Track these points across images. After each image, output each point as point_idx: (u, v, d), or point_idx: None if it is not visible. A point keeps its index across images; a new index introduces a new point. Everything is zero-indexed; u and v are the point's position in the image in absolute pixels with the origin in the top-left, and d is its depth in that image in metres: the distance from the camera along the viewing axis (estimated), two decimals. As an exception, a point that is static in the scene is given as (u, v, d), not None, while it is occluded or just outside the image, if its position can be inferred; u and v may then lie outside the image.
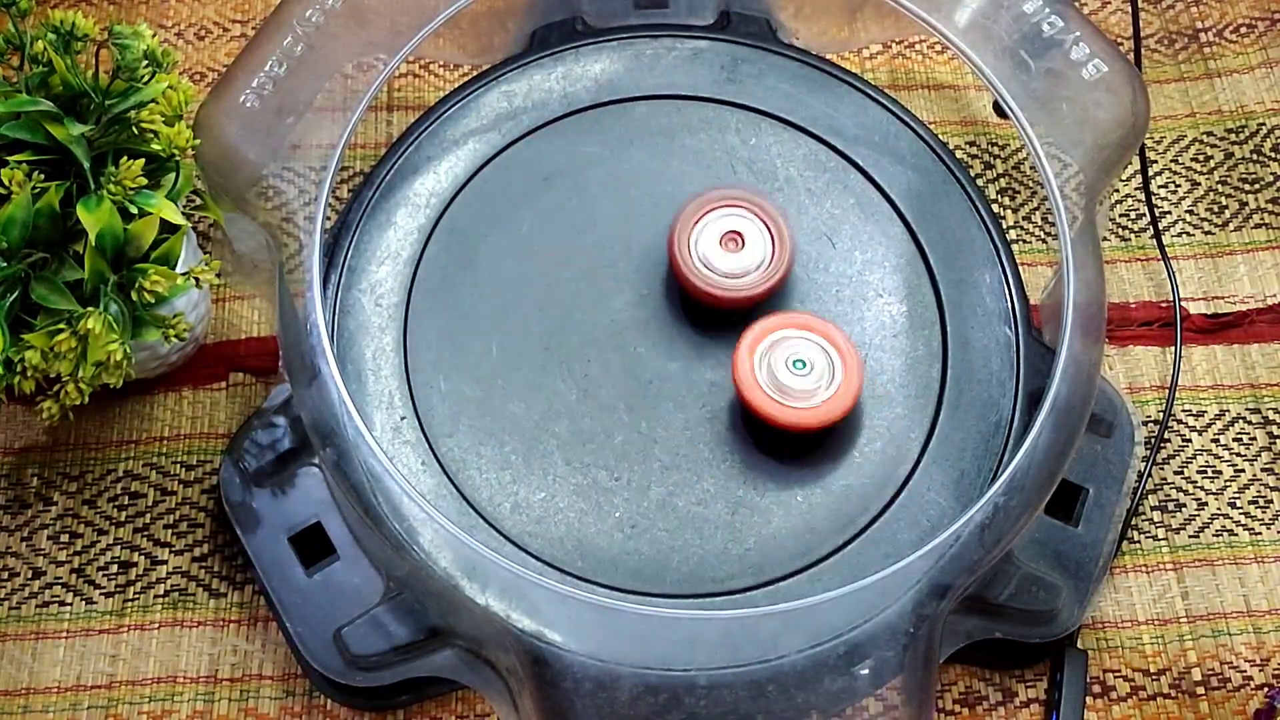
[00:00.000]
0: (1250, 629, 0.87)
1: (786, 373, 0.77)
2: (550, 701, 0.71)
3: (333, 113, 0.82)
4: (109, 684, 0.84)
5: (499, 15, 0.93)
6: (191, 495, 0.90)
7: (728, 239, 0.80)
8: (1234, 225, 1.00)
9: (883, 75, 1.06)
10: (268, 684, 0.85)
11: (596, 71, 0.89)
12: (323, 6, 0.83)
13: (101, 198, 0.76)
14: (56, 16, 0.78)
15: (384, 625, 0.76)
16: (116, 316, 0.77)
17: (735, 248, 0.80)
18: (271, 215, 0.80)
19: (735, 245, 0.80)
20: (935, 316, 0.83)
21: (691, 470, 0.78)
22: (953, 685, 0.85)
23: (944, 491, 0.78)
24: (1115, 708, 0.85)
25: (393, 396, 0.80)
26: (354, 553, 0.80)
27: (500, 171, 0.86)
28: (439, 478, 0.78)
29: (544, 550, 0.76)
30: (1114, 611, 0.88)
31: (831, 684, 0.72)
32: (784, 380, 0.77)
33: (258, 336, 0.95)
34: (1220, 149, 1.03)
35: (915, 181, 0.86)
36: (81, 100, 0.79)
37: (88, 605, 0.87)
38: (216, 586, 0.87)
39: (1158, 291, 0.98)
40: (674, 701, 0.71)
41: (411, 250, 0.84)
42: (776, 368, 0.77)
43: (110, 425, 0.92)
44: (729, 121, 0.88)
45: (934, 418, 0.80)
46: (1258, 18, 1.08)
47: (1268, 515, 0.90)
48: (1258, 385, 0.94)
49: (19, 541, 0.88)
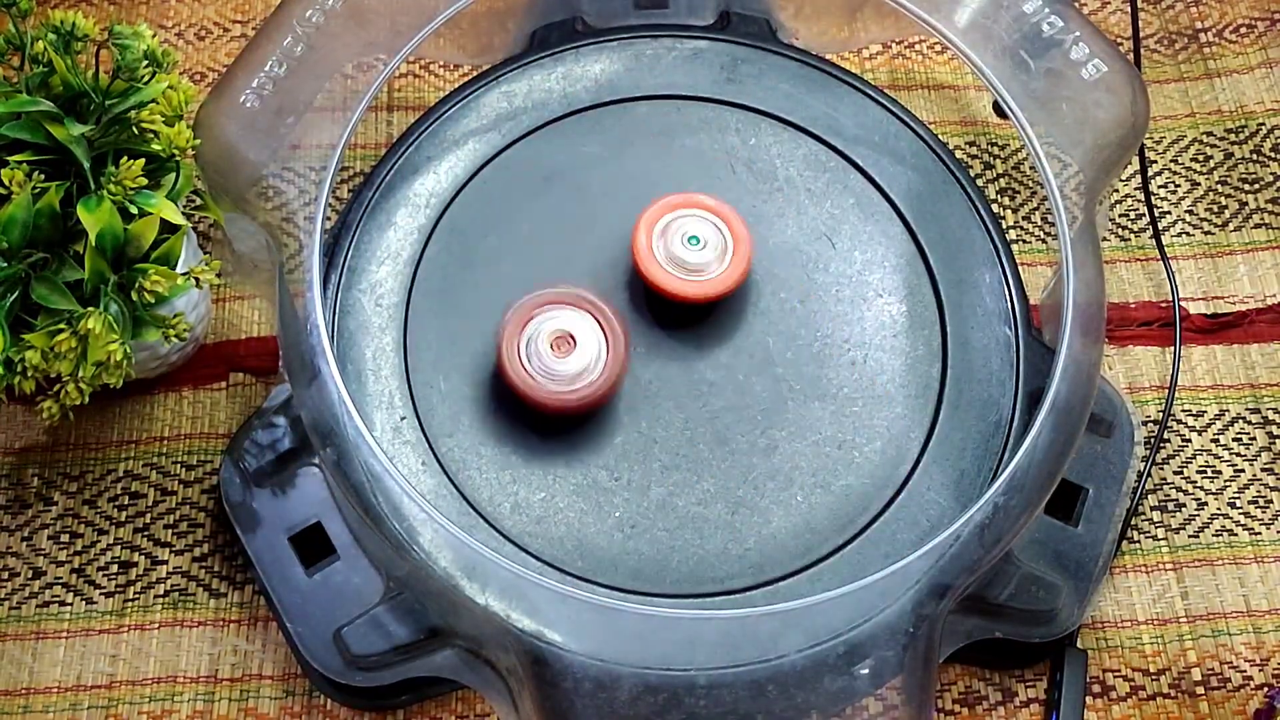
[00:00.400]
0: (1250, 629, 0.87)
1: (682, 248, 0.80)
2: (550, 701, 0.71)
3: (333, 113, 0.82)
4: (109, 684, 0.84)
5: (499, 15, 0.93)
6: (192, 495, 0.90)
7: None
8: (1234, 225, 1.00)
9: (883, 75, 1.06)
10: (268, 684, 0.85)
11: (596, 71, 0.89)
12: (323, 6, 0.83)
13: (102, 198, 0.76)
14: (57, 17, 0.78)
15: (384, 625, 0.76)
16: (117, 316, 0.77)
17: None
18: (271, 215, 0.80)
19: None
20: (935, 316, 0.83)
21: (691, 470, 0.78)
22: (953, 685, 0.85)
23: (944, 491, 0.78)
24: (1115, 707, 0.85)
25: (393, 396, 0.80)
26: (354, 553, 0.80)
27: (500, 171, 0.86)
28: (439, 478, 0.78)
29: (544, 550, 0.76)
30: (1114, 611, 0.88)
31: (831, 684, 0.72)
32: (680, 255, 0.79)
33: (258, 336, 0.95)
34: (1220, 149, 1.03)
35: (915, 181, 0.86)
36: (82, 100, 0.79)
37: (88, 605, 0.87)
38: (216, 586, 0.87)
39: (1157, 291, 0.98)
40: (674, 701, 0.71)
41: (411, 250, 0.84)
42: (673, 244, 0.80)
43: (110, 425, 0.92)
44: (729, 122, 0.88)
45: (934, 418, 0.80)
46: (1258, 18, 1.08)
47: (1267, 515, 0.90)
48: (1257, 385, 0.95)
49: (19, 541, 0.88)
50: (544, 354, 0.77)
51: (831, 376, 0.81)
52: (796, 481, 0.78)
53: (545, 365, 0.76)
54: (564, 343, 0.77)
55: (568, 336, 0.77)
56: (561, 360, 0.77)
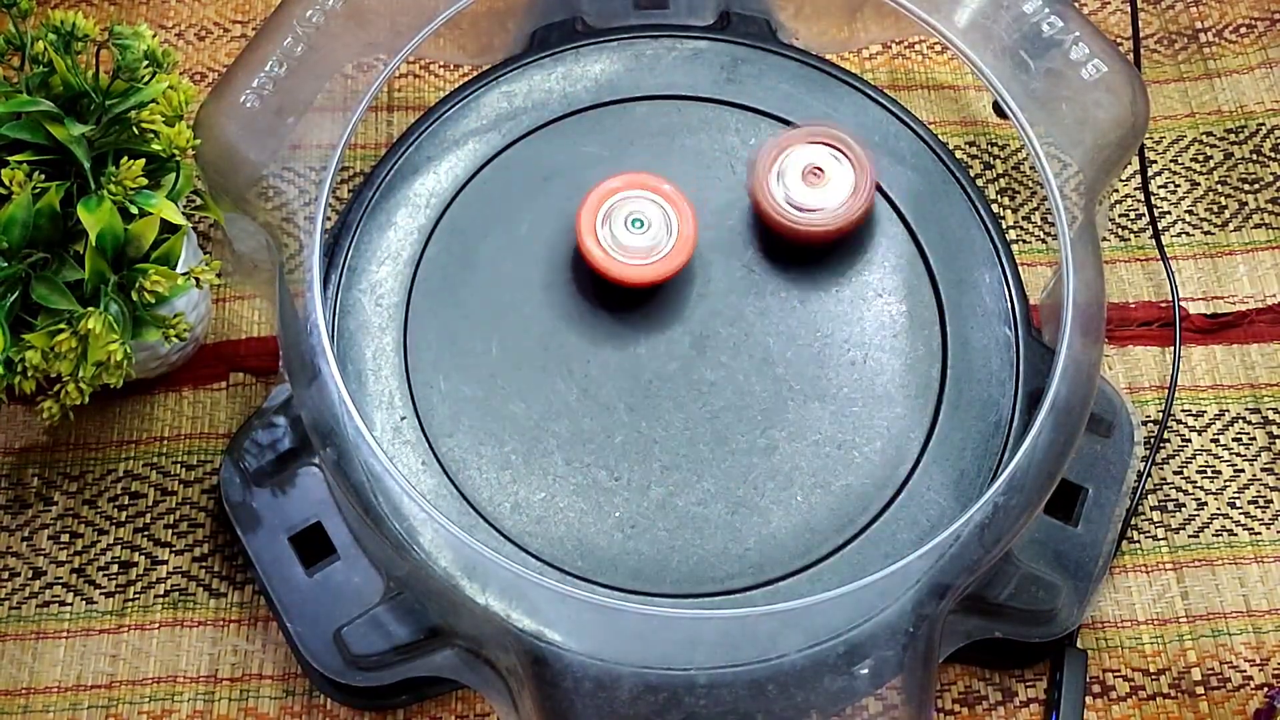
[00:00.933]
0: (1250, 629, 0.87)
1: (625, 231, 0.80)
2: (550, 701, 0.71)
3: (333, 113, 0.82)
4: (109, 684, 0.84)
5: (499, 15, 0.93)
6: (192, 495, 0.90)
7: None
8: (1234, 225, 1.00)
9: (883, 75, 1.06)
10: (268, 684, 0.85)
11: (596, 72, 0.89)
12: (323, 7, 0.83)
13: (102, 198, 0.76)
14: (57, 17, 0.78)
15: (384, 625, 0.76)
16: (117, 316, 0.77)
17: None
18: (271, 215, 0.80)
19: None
20: (935, 316, 0.83)
21: (691, 470, 0.78)
22: (953, 685, 0.85)
23: (944, 491, 0.78)
24: (1115, 707, 0.85)
25: (393, 396, 0.80)
26: (354, 552, 0.80)
27: (500, 171, 0.86)
28: (439, 478, 0.78)
29: (544, 550, 0.76)
30: (1114, 611, 0.88)
31: (831, 683, 0.72)
32: (622, 239, 0.80)
33: (258, 336, 0.95)
34: (1220, 149, 1.03)
35: (915, 181, 0.86)
36: (82, 100, 0.79)
37: (88, 605, 0.87)
38: (216, 586, 0.87)
39: (1157, 291, 0.98)
40: (673, 701, 0.71)
41: (411, 250, 0.84)
42: (616, 227, 0.80)
43: (111, 425, 0.92)
44: (729, 122, 0.88)
45: (934, 418, 0.80)
46: (1257, 18, 1.08)
47: (1267, 515, 0.90)
48: (1257, 385, 0.95)
49: (19, 541, 0.88)
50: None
51: (831, 376, 0.81)
52: (796, 481, 0.78)
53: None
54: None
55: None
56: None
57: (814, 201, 0.82)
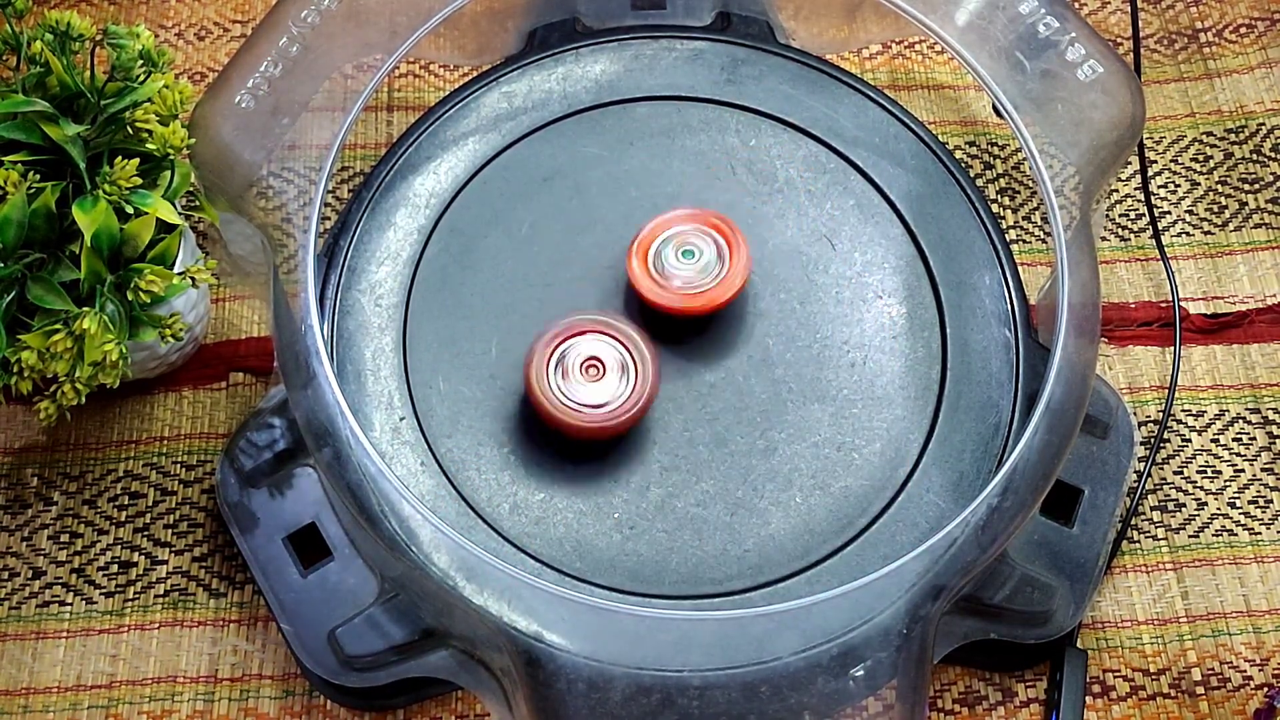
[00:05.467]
0: (1250, 629, 0.87)
1: (676, 263, 0.79)
2: (543, 702, 0.71)
3: (330, 113, 0.82)
4: (109, 684, 0.84)
5: (497, 15, 0.93)
6: (191, 495, 0.90)
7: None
8: (1234, 225, 1.00)
9: (882, 76, 1.06)
10: (267, 684, 0.85)
11: (596, 72, 0.89)
12: (319, 7, 0.83)
13: (97, 198, 0.76)
14: (53, 17, 0.78)
15: (379, 625, 0.76)
16: (113, 316, 0.77)
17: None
18: (269, 216, 0.80)
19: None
20: (935, 318, 0.83)
21: (691, 471, 0.78)
22: (952, 685, 0.85)
23: (943, 494, 0.78)
24: (1115, 707, 0.85)
25: (392, 397, 0.80)
26: (349, 553, 0.80)
27: (500, 171, 0.86)
28: (438, 478, 0.78)
29: (543, 551, 0.76)
30: (1114, 611, 0.87)
31: (825, 686, 0.72)
32: (673, 269, 0.79)
33: (257, 336, 0.95)
34: (1220, 149, 1.03)
35: (915, 183, 0.86)
36: (77, 100, 0.79)
37: (88, 605, 0.87)
38: (216, 586, 0.87)
39: (1157, 291, 0.98)
40: (666, 702, 0.71)
41: (411, 250, 0.84)
42: (667, 258, 0.79)
43: (110, 425, 0.92)
44: (729, 122, 0.88)
45: (933, 420, 0.80)
46: (1257, 18, 1.08)
47: (1267, 515, 0.90)
48: (1257, 385, 0.94)
49: (19, 541, 0.88)
50: (574, 381, 0.76)
51: (831, 378, 0.81)
52: (795, 483, 0.78)
53: (573, 393, 0.76)
54: (593, 368, 0.77)
55: (597, 362, 0.77)
56: (590, 385, 0.77)
57: (591, 397, 0.78)
